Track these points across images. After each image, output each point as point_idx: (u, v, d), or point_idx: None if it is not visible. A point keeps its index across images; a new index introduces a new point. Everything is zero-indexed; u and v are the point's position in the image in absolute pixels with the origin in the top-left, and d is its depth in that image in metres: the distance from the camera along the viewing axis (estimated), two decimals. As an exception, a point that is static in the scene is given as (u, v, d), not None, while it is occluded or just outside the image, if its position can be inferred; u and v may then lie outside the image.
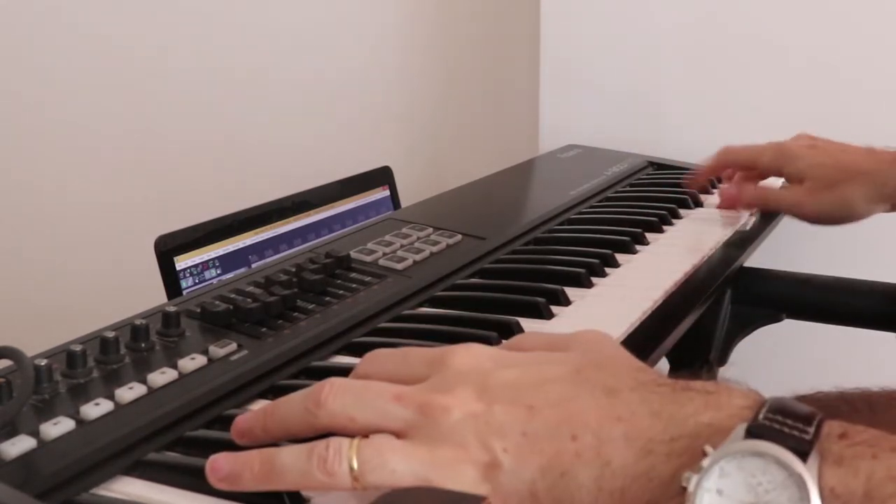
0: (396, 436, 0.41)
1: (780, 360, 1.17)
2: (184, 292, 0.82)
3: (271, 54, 1.45)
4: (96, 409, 0.48)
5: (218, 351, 0.56)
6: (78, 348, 0.52)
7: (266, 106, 1.46)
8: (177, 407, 0.50)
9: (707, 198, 1.04)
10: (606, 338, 0.49)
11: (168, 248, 0.83)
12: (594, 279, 0.75)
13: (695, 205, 1.01)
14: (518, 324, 0.63)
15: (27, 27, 1.36)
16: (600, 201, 1.01)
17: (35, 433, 0.46)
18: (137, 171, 1.42)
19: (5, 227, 1.37)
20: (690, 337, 0.83)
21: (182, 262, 0.83)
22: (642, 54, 1.28)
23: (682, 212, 0.98)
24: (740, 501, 0.35)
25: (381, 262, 0.74)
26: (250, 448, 0.42)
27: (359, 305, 0.65)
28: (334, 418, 0.41)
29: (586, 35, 1.31)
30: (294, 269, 0.69)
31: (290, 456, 0.40)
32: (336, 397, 0.42)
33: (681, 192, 1.02)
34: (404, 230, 0.82)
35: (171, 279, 0.82)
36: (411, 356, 0.45)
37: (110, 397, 0.50)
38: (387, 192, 1.08)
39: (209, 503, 0.43)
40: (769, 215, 1.02)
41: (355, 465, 0.39)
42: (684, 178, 1.03)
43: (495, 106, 1.50)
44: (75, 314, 1.05)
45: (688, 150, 1.21)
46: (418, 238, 0.80)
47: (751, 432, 0.36)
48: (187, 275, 0.84)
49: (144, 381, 0.52)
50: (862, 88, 1.18)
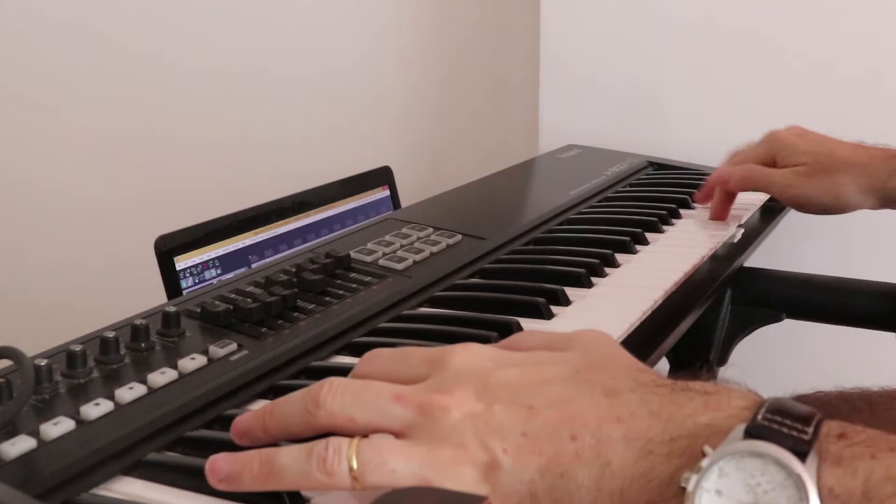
0: (396, 436, 0.41)
1: (780, 360, 1.17)
2: (184, 292, 0.82)
3: (271, 54, 1.45)
4: (96, 409, 0.48)
5: (218, 351, 0.56)
6: (78, 348, 0.52)
7: (266, 106, 1.46)
8: (177, 407, 0.50)
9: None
10: (606, 337, 0.49)
11: (168, 248, 0.83)
12: (594, 279, 0.75)
13: (695, 205, 1.01)
14: (518, 324, 0.63)
15: (27, 27, 1.37)
16: (600, 201, 1.01)
17: (35, 433, 0.46)
18: (137, 171, 1.42)
19: (5, 227, 1.38)
20: (690, 337, 0.83)
21: (182, 262, 0.83)
22: (642, 54, 1.28)
23: (682, 212, 0.98)
24: (739, 502, 0.35)
25: (381, 262, 0.74)
26: (250, 448, 0.42)
27: (359, 305, 0.65)
28: (334, 418, 0.41)
29: (586, 35, 1.31)
30: (294, 269, 0.69)
31: (289, 456, 0.40)
32: (335, 397, 0.42)
33: (681, 192, 1.02)
34: (404, 230, 0.82)
35: (171, 279, 0.82)
36: (411, 356, 0.45)
37: (110, 397, 0.50)
38: (387, 192, 1.08)
39: (209, 503, 0.43)
40: (768, 216, 1.02)
41: (355, 465, 0.39)
42: (695, 196, 1.00)
43: (495, 106, 1.50)
44: (75, 314, 1.05)
45: (688, 150, 1.22)
46: (418, 238, 0.80)
47: (749, 433, 0.36)
48: (187, 275, 0.84)
49: (144, 381, 0.52)
50: (862, 88, 1.18)
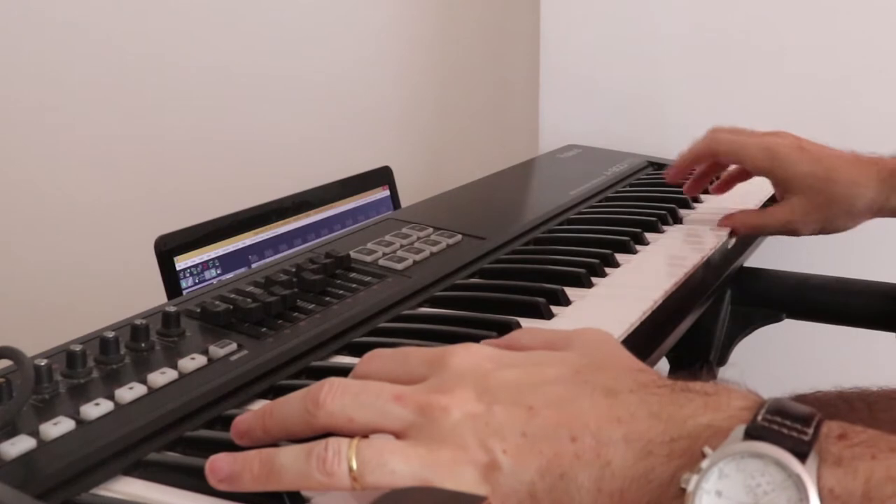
0: (396, 436, 0.41)
1: (780, 360, 1.17)
2: (184, 292, 0.82)
3: (271, 54, 1.45)
4: (96, 409, 0.48)
5: (218, 351, 0.56)
6: (78, 348, 0.52)
7: (266, 106, 1.46)
8: (177, 407, 0.50)
9: (708, 197, 1.04)
10: (606, 336, 0.49)
11: (168, 248, 0.83)
12: (594, 279, 0.75)
13: (695, 204, 1.01)
14: (518, 324, 0.63)
15: (27, 27, 1.36)
16: (600, 201, 1.01)
17: (35, 433, 0.46)
18: (137, 171, 1.42)
19: (5, 227, 1.37)
20: (690, 337, 0.83)
21: (182, 262, 0.83)
22: (642, 54, 1.28)
23: (682, 212, 0.97)
24: (739, 502, 0.35)
25: (381, 262, 0.74)
26: (250, 448, 0.42)
27: (359, 305, 0.65)
28: (333, 418, 0.41)
29: (586, 35, 1.31)
30: (294, 269, 0.69)
31: (289, 456, 0.40)
32: (335, 397, 0.42)
33: (681, 193, 1.02)
34: (404, 230, 0.82)
35: (171, 279, 0.82)
36: (411, 356, 0.45)
37: (110, 397, 0.50)
38: (387, 192, 1.08)
39: (209, 503, 0.43)
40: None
41: (354, 465, 0.39)
42: (664, 173, 0.98)
43: (495, 106, 1.49)
44: (75, 314, 1.05)
45: (687, 151, 1.22)
46: (418, 238, 0.80)
47: (750, 433, 0.36)
48: (187, 275, 0.84)
49: (144, 381, 0.52)
50: (860, 91, 1.18)
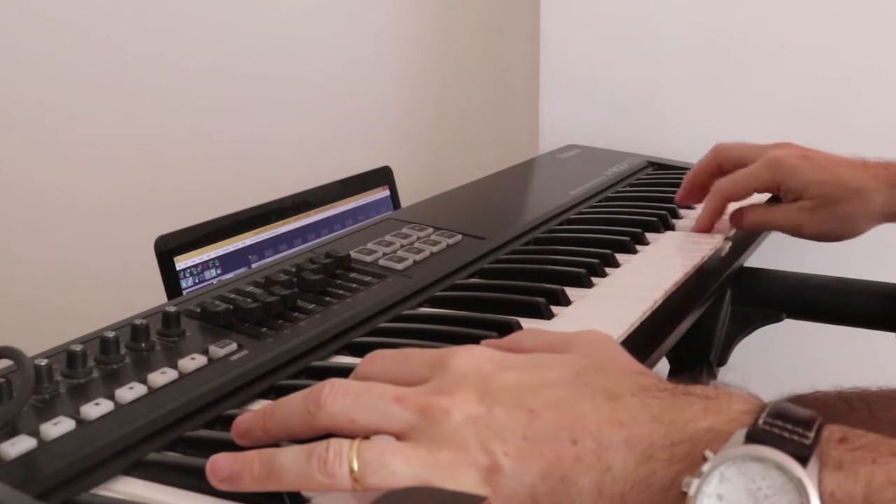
0: (397, 437, 0.41)
1: (780, 360, 1.17)
2: (184, 292, 0.82)
3: (271, 54, 1.45)
4: (96, 409, 0.48)
5: (218, 351, 0.56)
6: (78, 348, 0.52)
7: (266, 106, 1.46)
8: (177, 407, 0.50)
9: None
10: (607, 338, 0.49)
11: (168, 248, 0.83)
12: (594, 279, 0.75)
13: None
14: (518, 324, 0.63)
15: (27, 27, 1.36)
16: (600, 201, 1.01)
17: (35, 433, 0.46)
18: (137, 171, 1.42)
19: (5, 227, 1.37)
20: (690, 337, 0.83)
21: (182, 262, 0.83)
22: (642, 54, 1.28)
23: (683, 212, 0.98)
24: (740, 505, 0.35)
25: (381, 262, 0.74)
26: (251, 448, 0.42)
27: (359, 305, 0.65)
28: (334, 419, 0.41)
29: (586, 35, 1.30)
30: (294, 269, 0.69)
31: (289, 457, 0.40)
32: (336, 398, 0.42)
33: (681, 193, 1.02)
34: (404, 230, 0.82)
35: (171, 279, 0.82)
36: (412, 358, 0.45)
37: (110, 397, 0.50)
38: (387, 192, 1.08)
39: (209, 503, 0.43)
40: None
41: (355, 466, 0.39)
42: (676, 197, 0.97)
43: (495, 106, 1.49)
44: (75, 314, 1.05)
45: (688, 151, 1.21)
46: (418, 238, 0.80)
47: (751, 437, 0.36)
48: (187, 275, 0.84)
49: (144, 381, 0.52)
50: (860, 91, 1.18)
